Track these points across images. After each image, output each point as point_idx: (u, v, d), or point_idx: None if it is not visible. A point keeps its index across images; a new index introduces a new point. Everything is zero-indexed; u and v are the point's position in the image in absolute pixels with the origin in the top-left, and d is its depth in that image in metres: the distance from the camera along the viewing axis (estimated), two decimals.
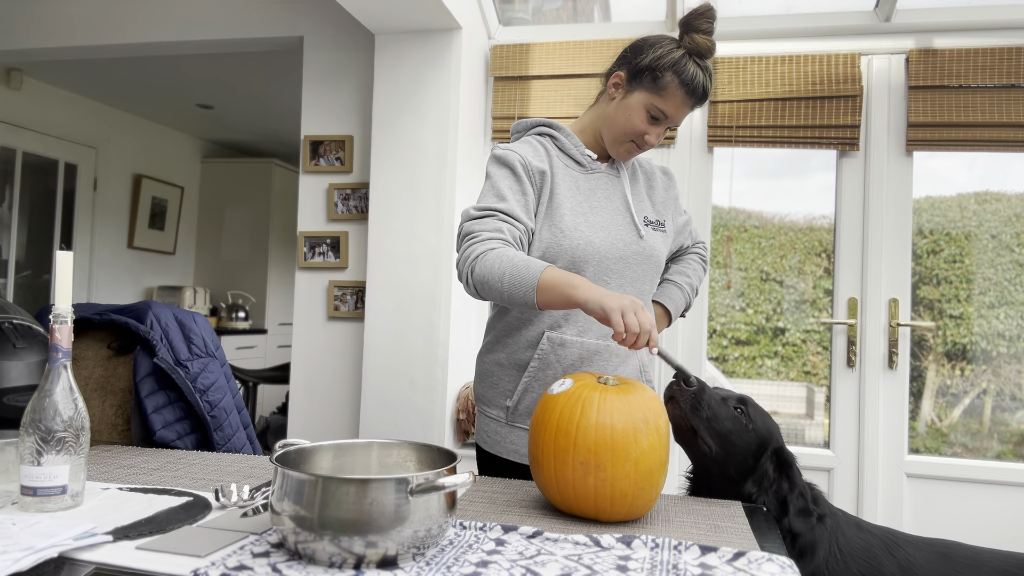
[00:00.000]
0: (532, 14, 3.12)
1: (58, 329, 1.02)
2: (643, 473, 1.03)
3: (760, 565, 0.87)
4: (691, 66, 1.35)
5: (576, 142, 1.47)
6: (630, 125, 1.40)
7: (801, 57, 2.73)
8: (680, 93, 1.36)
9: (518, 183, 1.37)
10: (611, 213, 1.44)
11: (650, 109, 1.38)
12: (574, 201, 1.42)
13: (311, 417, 3.01)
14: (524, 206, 1.36)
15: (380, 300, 2.79)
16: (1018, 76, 2.57)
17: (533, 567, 0.84)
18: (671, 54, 1.36)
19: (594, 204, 1.44)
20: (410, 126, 2.79)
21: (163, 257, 5.62)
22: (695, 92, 1.36)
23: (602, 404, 1.06)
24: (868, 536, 1.30)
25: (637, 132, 1.40)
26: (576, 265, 1.38)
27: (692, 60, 1.35)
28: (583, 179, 1.46)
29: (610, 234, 1.41)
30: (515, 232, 1.32)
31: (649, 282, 1.47)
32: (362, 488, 0.80)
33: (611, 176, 1.48)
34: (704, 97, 1.39)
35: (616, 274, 1.41)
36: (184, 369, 1.59)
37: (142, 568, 0.81)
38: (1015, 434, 2.74)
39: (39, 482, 0.98)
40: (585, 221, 1.41)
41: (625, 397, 1.07)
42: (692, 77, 1.35)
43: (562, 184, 1.43)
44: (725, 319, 2.99)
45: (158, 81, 4.47)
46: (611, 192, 1.46)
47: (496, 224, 1.31)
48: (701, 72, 1.36)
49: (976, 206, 2.80)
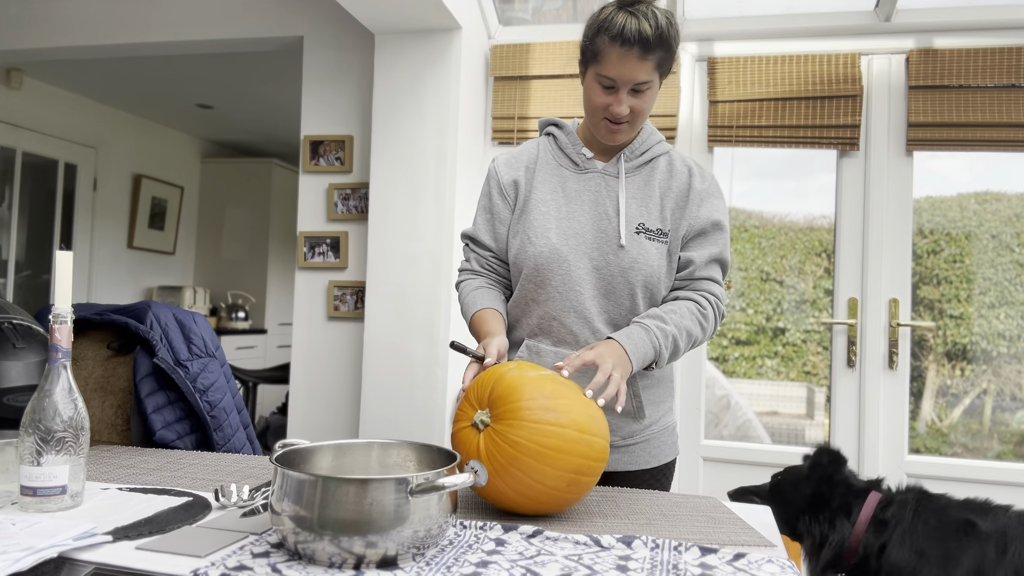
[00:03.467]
0: (532, 14, 3.12)
1: (58, 329, 1.02)
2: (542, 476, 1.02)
3: (760, 566, 0.87)
4: (619, 17, 1.27)
5: (575, 140, 1.43)
6: (591, 103, 1.35)
7: (801, 57, 2.73)
8: (614, 48, 1.27)
9: (489, 201, 1.46)
10: (594, 218, 1.36)
11: (599, 80, 1.31)
12: (553, 205, 1.39)
13: (311, 417, 3.01)
14: (490, 226, 1.45)
15: (380, 300, 2.79)
16: (1018, 76, 2.57)
17: (533, 567, 0.84)
18: (599, 17, 1.31)
19: (575, 208, 1.38)
20: (410, 126, 2.79)
21: (163, 257, 5.62)
22: (628, 39, 1.25)
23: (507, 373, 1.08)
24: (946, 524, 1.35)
25: (598, 107, 1.33)
26: (540, 273, 1.36)
27: (621, 11, 1.28)
28: (573, 180, 1.40)
29: (583, 242, 1.35)
30: (480, 260, 1.46)
31: (628, 296, 1.34)
32: (362, 488, 0.80)
33: (608, 177, 1.39)
34: (644, 41, 1.25)
35: (589, 285, 1.34)
36: (184, 369, 1.58)
37: (142, 568, 0.81)
38: (1015, 434, 2.74)
39: (39, 482, 0.98)
40: (556, 227, 1.36)
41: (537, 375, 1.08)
42: (621, 27, 1.26)
43: (542, 187, 1.41)
44: (725, 319, 2.99)
45: (158, 81, 4.47)
46: (601, 195, 1.38)
47: (468, 254, 1.48)
48: (632, 18, 1.26)
49: (976, 206, 2.80)
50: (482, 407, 1.07)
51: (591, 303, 1.35)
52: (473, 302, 1.39)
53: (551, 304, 1.36)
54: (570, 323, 1.35)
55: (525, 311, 1.40)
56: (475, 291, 1.41)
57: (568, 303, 1.35)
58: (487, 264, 1.45)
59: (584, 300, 1.34)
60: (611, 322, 1.35)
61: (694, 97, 2.87)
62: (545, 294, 1.36)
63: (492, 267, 1.46)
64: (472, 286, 1.43)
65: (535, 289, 1.37)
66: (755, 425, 2.98)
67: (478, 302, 1.38)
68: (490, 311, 1.36)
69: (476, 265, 1.46)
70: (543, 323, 1.37)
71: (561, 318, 1.35)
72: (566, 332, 1.36)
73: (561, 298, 1.35)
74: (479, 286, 1.42)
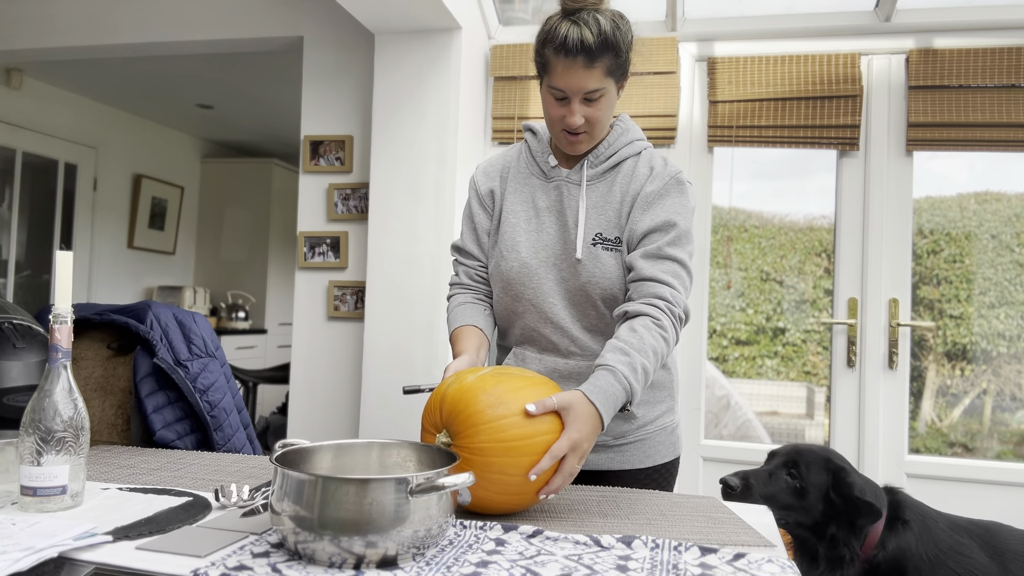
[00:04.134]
0: (532, 14, 3.12)
1: (58, 329, 1.02)
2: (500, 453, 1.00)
3: (760, 566, 0.87)
4: (562, 27, 1.24)
5: (544, 148, 1.41)
6: (547, 116, 1.33)
7: (801, 57, 2.73)
8: (559, 60, 1.25)
9: (470, 211, 1.46)
10: (559, 230, 1.35)
11: (551, 92, 1.29)
12: (523, 217, 1.38)
13: (311, 417, 3.01)
14: (474, 236, 1.45)
15: (380, 300, 2.79)
16: (1018, 76, 2.57)
17: (533, 567, 0.84)
18: (544, 28, 1.28)
19: (543, 220, 1.37)
20: (410, 126, 2.79)
21: (163, 257, 5.62)
22: (571, 50, 1.22)
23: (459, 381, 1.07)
24: (962, 535, 1.30)
25: (554, 119, 1.31)
26: (512, 288, 1.36)
27: (564, 21, 1.25)
28: (542, 190, 1.39)
29: (551, 254, 1.35)
30: (468, 271, 1.46)
31: (592, 307, 1.33)
32: (362, 488, 0.80)
33: (571, 185, 1.36)
34: (588, 49, 1.21)
35: (559, 297, 1.34)
36: (184, 369, 1.58)
37: (142, 568, 0.81)
38: (1015, 434, 2.74)
39: (39, 482, 0.98)
40: (525, 240, 1.36)
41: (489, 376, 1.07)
42: (563, 37, 1.23)
43: (512, 198, 1.40)
44: (725, 319, 2.99)
45: (158, 81, 4.47)
46: (565, 205, 1.35)
47: (456, 267, 1.48)
48: (574, 26, 1.23)
49: (976, 206, 2.80)
50: (439, 429, 1.07)
51: (563, 313, 1.35)
52: (454, 319, 1.40)
53: (528, 316, 1.37)
54: (548, 333, 1.37)
55: (509, 322, 1.43)
56: (457, 308, 1.42)
57: (543, 315, 1.36)
58: (476, 275, 1.46)
59: (557, 311, 1.35)
60: (587, 328, 1.36)
61: (694, 97, 2.87)
62: (522, 306, 1.37)
63: (482, 277, 1.46)
64: (456, 302, 1.43)
65: (512, 302, 1.39)
66: (755, 425, 2.98)
67: (458, 319, 1.39)
68: (467, 328, 1.36)
69: (465, 278, 1.46)
70: (525, 333, 1.40)
71: (539, 329, 1.37)
72: (546, 342, 1.37)
73: (536, 311, 1.36)
74: (463, 302, 1.43)
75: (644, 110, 2.82)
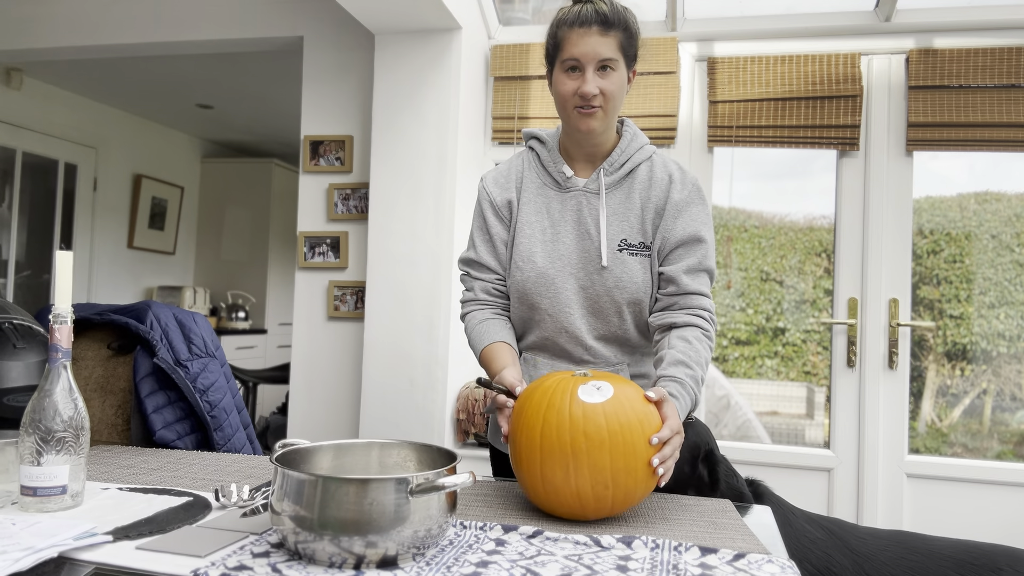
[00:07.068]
0: (532, 14, 3.12)
1: (58, 329, 1.02)
2: (620, 467, 1.01)
3: (760, 566, 0.87)
4: (574, 7, 1.31)
5: (556, 157, 1.41)
6: (560, 96, 1.33)
7: (801, 57, 2.73)
8: (573, 31, 1.29)
9: (484, 222, 1.44)
10: (578, 238, 1.36)
11: (564, 66, 1.31)
12: (538, 228, 1.38)
13: (311, 417, 3.01)
14: (490, 247, 1.43)
15: (380, 300, 2.79)
16: (1018, 76, 2.57)
17: (533, 567, 0.84)
18: (556, 17, 1.34)
19: (560, 230, 1.37)
20: (410, 126, 2.79)
21: (163, 257, 5.62)
22: (586, 20, 1.28)
23: (574, 396, 1.06)
24: (818, 530, 1.29)
25: (567, 95, 1.31)
26: (529, 297, 1.36)
27: (575, 4, 1.32)
28: (556, 200, 1.39)
29: (568, 263, 1.36)
30: (484, 285, 1.42)
31: (616, 314, 1.35)
32: (362, 488, 0.80)
33: (589, 194, 1.37)
34: (603, 18, 1.27)
35: (578, 305, 1.35)
36: (184, 369, 1.59)
37: (142, 568, 0.81)
38: (1015, 434, 2.74)
39: (39, 482, 0.98)
40: (542, 250, 1.36)
41: (599, 390, 1.07)
42: (577, 12, 1.29)
43: (527, 209, 1.40)
44: (725, 319, 2.99)
45: (158, 81, 4.47)
46: (583, 214, 1.37)
47: (470, 283, 1.45)
48: (587, 4, 1.29)
49: (976, 206, 2.80)
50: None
51: (580, 322, 1.36)
52: (481, 336, 1.38)
53: (544, 325, 1.38)
54: (563, 342, 1.38)
55: (523, 331, 1.43)
56: (482, 323, 1.39)
57: (559, 324, 1.36)
58: (492, 289, 1.43)
59: (574, 320, 1.36)
60: (600, 338, 1.38)
61: (694, 97, 2.87)
62: (538, 316, 1.38)
63: (498, 291, 1.43)
64: (478, 318, 1.41)
65: (528, 311, 1.39)
66: (755, 425, 2.98)
67: (486, 336, 1.37)
68: (499, 344, 1.35)
69: (480, 293, 1.43)
70: (539, 342, 1.40)
71: (554, 338, 1.38)
72: (560, 350, 1.39)
73: (552, 320, 1.37)
74: (486, 318, 1.40)
75: (644, 110, 2.82)
